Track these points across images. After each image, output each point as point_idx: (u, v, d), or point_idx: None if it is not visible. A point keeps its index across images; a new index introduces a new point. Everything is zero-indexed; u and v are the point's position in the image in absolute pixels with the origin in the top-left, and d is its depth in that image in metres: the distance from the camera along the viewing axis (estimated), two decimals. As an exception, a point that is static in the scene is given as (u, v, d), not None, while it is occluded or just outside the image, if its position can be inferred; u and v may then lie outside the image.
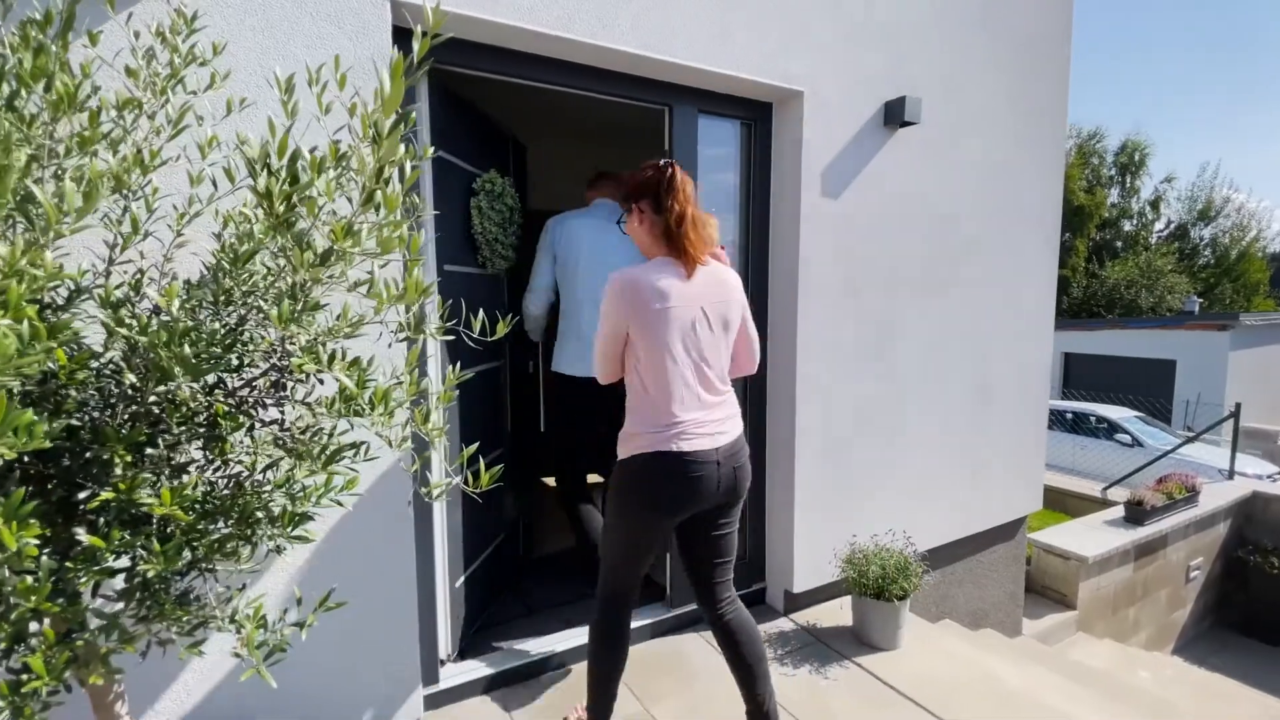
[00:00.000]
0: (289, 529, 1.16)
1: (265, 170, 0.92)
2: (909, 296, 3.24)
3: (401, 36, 2.06)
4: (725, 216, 2.95)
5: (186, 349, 0.94)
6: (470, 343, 1.48)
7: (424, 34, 1.06)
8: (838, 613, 3.04)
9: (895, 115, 2.97)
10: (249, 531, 1.17)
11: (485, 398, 2.76)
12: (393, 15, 1.95)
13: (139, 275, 1.24)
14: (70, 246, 1.30)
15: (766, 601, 3.17)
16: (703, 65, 2.48)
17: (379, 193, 0.97)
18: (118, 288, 1.12)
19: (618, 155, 5.85)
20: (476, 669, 2.46)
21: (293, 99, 1.10)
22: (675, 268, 1.71)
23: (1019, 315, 3.79)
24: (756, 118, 2.89)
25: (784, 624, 2.97)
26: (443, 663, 2.43)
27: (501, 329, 1.30)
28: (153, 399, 1.09)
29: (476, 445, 1.25)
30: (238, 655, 1.16)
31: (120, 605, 1.13)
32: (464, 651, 2.56)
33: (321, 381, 1.19)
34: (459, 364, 1.31)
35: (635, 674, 2.56)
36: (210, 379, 1.24)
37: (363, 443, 1.26)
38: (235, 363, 1.23)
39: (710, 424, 1.74)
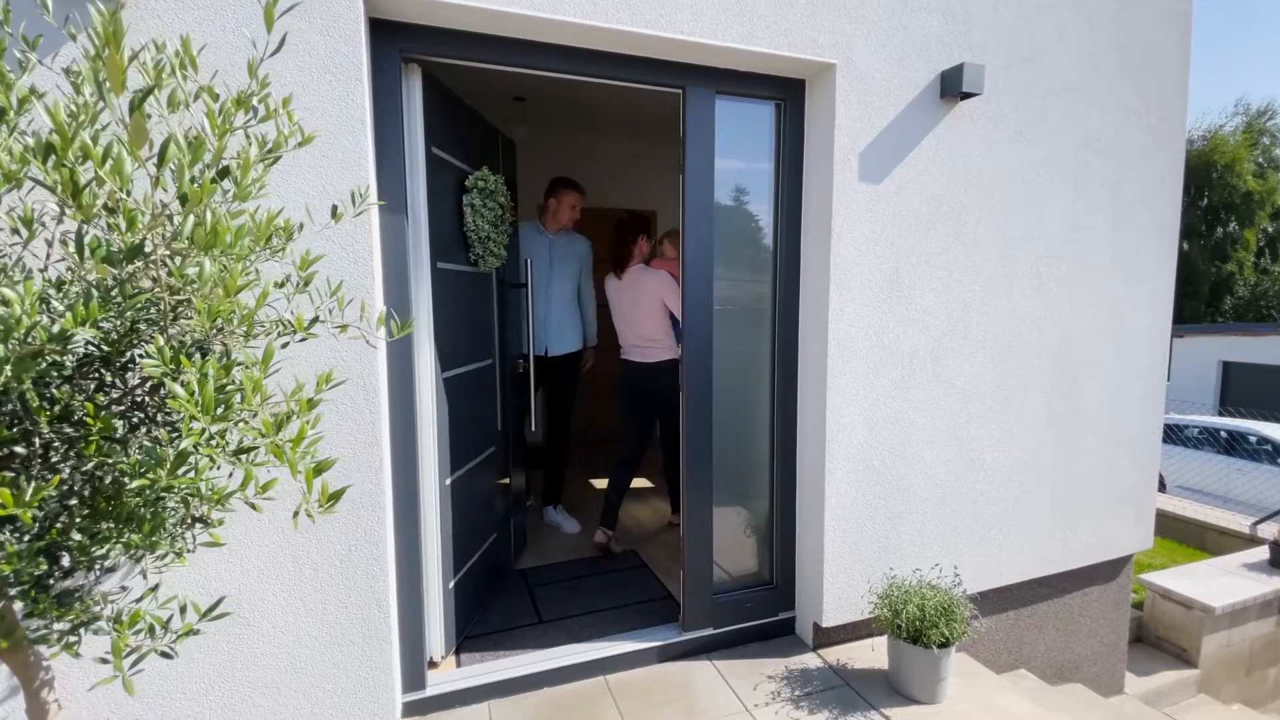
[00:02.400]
0: (149, 536, 1.10)
1: (52, 160, 0.85)
2: (973, 293, 2.81)
3: (383, 28, 2.02)
4: (755, 208, 2.70)
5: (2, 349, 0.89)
6: (368, 342, 1.39)
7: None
8: (872, 653, 2.69)
9: (953, 86, 2.57)
10: (121, 533, 1.13)
11: (469, 398, 2.70)
12: (367, 6, 1.90)
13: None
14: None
15: (795, 633, 2.87)
16: (713, 41, 2.25)
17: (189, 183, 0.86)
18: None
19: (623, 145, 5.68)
20: (468, 678, 2.38)
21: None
22: (616, 275, 3.62)
23: (1123, 315, 3.20)
24: (787, 97, 2.61)
25: (809, 660, 2.67)
26: (433, 664, 2.38)
27: (400, 330, 1.19)
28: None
29: (335, 461, 1.13)
30: (104, 660, 1.13)
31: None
32: (459, 658, 2.50)
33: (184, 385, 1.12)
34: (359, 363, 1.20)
35: (634, 700, 2.38)
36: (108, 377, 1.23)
37: (253, 447, 1.20)
38: (123, 361, 1.21)
39: (634, 349, 3.58)
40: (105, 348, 1.21)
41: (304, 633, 1.95)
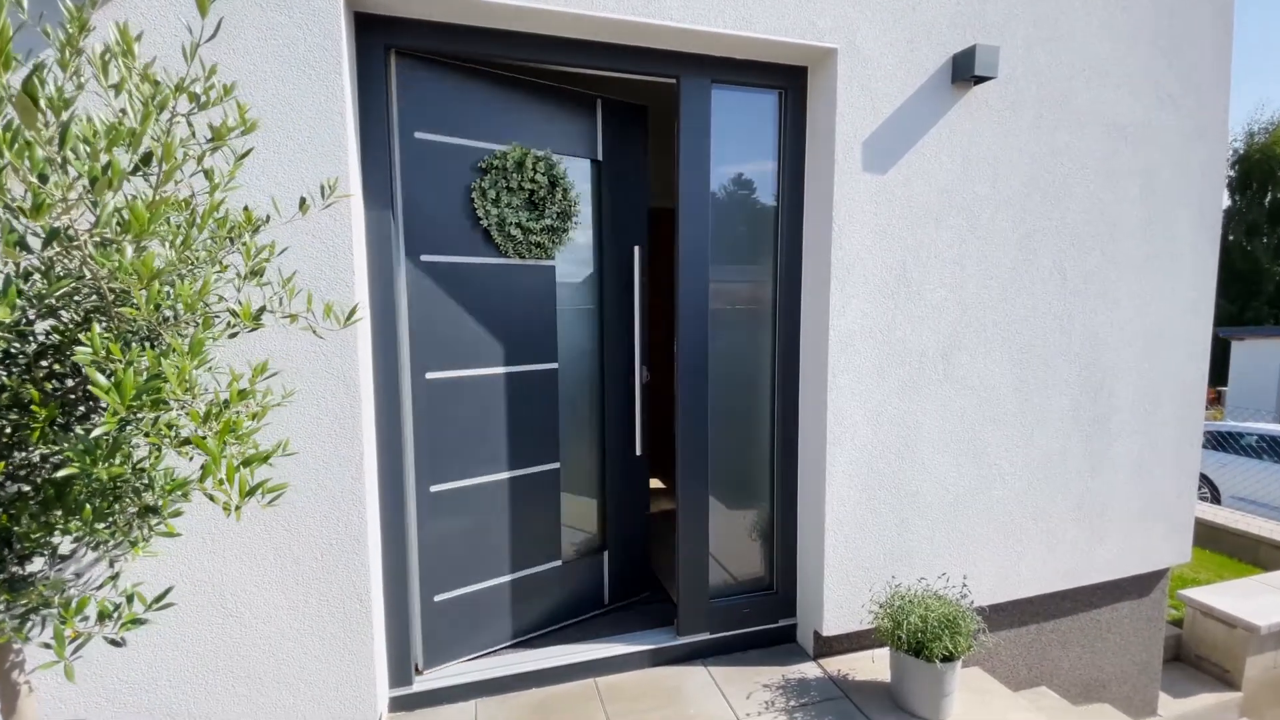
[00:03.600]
0: (90, 523, 1.10)
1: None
2: (989, 289, 2.66)
3: (368, 22, 2.02)
4: (756, 201, 2.61)
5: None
6: (315, 333, 1.36)
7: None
8: (873, 665, 2.58)
9: (965, 70, 2.44)
10: (66, 521, 1.13)
11: (492, 404, 2.48)
12: (347, 0, 1.90)
13: None
14: None
15: (797, 640, 2.77)
16: (705, 27, 2.18)
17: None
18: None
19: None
20: (455, 675, 2.37)
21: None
22: None
23: (1158, 313, 3.00)
24: (788, 85, 2.52)
25: (809, 670, 2.57)
26: (418, 670, 2.36)
27: (344, 321, 1.16)
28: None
29: (270, 450, 1.11)
30: (46, 645, 1.13)
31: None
32: (449, 660, 2.47)
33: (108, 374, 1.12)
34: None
35: (622, 704, 2.33)
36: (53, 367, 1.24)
37: (187, 440, 1.18)
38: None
39: None
40: (58, 336, 1.23)
41: (285, 624, 1.96)
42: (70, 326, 1.22)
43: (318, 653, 1.99)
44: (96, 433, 0.94)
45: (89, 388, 1.13)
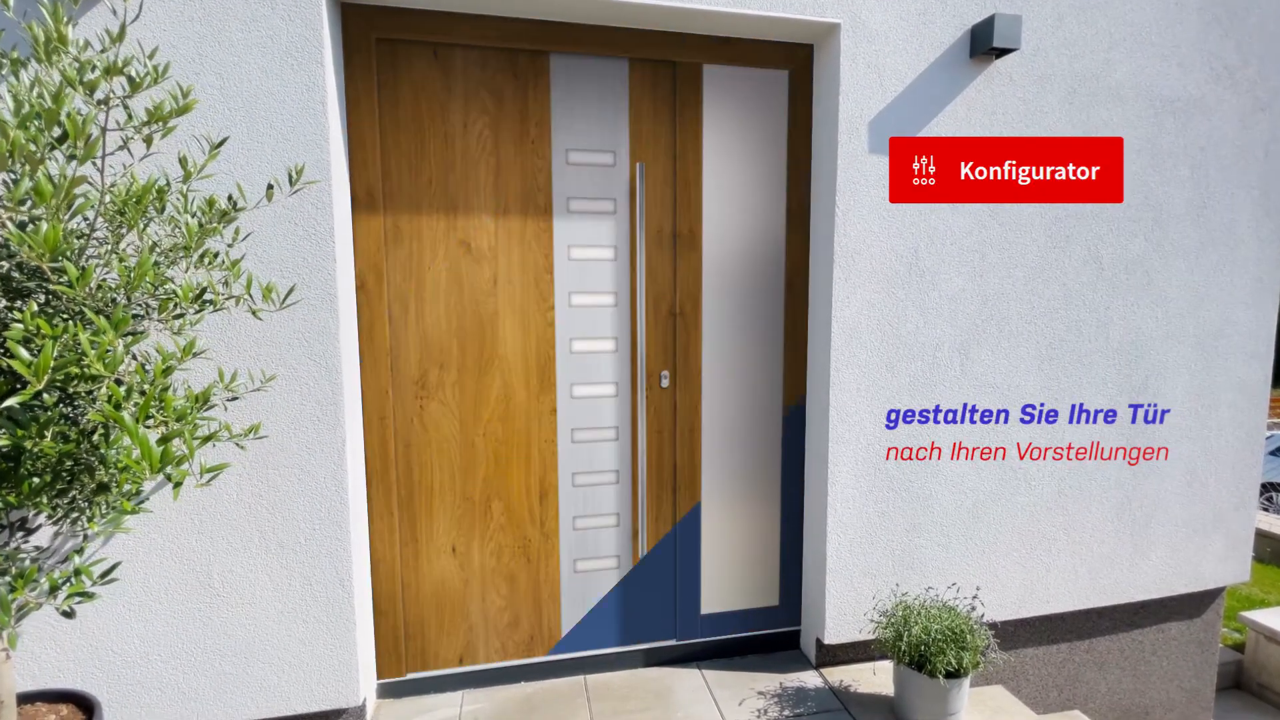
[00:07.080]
0: (29, 497, 1.12)
1: None
2: (1013, 279, 2.48)
3: (357, 13, 2.03)
4: (761, 187, 2.50)
5: None
6: (254, 315, 1.36)
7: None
8: (874, 677, 2.43)
9: (983, 42, 2.27)
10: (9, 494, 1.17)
11: None
12: (331, -11, 1.92)
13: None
14: None
15: (799, 647, 2.65)
16: (697, 5, 2.10)
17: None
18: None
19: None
20: (445, 668, 2.36)
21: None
22: None
23: (1214, 307, 2.73)
24: (793, 65, 2.41)
25: (809, 679, 2.45)
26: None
27: (279, 304, 1.15)
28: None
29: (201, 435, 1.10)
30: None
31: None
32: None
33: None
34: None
35: (609, 703, 2.28)
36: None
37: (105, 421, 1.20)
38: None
39: None
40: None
41: (269, 606, 1.99)
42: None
43: (301, 635, 2.02)
44: (9, 402, 0.96)
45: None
